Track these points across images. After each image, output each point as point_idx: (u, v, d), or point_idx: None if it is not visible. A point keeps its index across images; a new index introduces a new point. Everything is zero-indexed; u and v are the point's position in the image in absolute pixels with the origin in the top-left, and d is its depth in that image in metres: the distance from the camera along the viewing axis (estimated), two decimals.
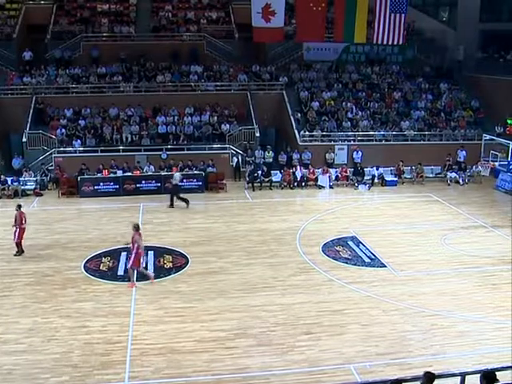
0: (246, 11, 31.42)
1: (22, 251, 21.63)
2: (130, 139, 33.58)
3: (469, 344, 14.73)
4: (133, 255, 18.67)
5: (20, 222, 21.55)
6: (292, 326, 15.81)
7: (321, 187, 31.37)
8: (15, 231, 21.53)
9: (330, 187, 31.48)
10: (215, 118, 35.41)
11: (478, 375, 8.67)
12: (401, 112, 37.06)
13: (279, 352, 14.50)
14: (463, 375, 10.44)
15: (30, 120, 33.80)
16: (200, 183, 30.26)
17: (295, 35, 32.67)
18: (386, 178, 32.06)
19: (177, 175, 28.54)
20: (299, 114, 35.86)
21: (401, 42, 29.09)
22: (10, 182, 30.11)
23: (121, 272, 19.69)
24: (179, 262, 20.54)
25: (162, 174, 30.28)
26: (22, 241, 21.70)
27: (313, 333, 15.45)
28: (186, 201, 27.73)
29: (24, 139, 32.85)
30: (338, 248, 21.93)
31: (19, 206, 22.14)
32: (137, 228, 19.06)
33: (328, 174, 31.68)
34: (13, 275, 19.68)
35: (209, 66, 38.77)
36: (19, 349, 14.96)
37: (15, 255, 21.47)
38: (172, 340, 15.14)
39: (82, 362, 14.26)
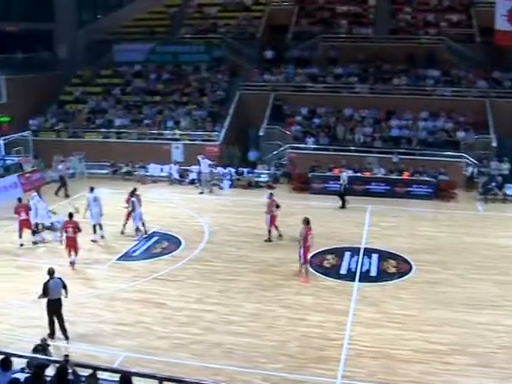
0: (489, 14, 30.01)
1: (270, 240, 22.88)
2: (362, 140, 33.66)
3: None
4: (302, 250, 18.98)
5: (270, 209, 22.86)
6: None
7: None
8: (268, 218, 22.93)
9: None
10: (450, 124, 34.27)
11: None
12: None
13: (500, 376, 13.61)
14: None
15: (267, 115, 35.29)
16: (430, 190, 29.41)
17: None
18: None
19: (344, 175, 28.21)
20: None
21: None
22: (245, 173, 31.86)
23: (343, 271, 19.90)
24: (403, 268, 20.21)
25: (392, 177, 29.97)
26: (272, 228, 22.94)
27: None
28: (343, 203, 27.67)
29: (261, 133, 34.41)
30: None
31: (271, 194, 23.63)
32: (307, 222, 19.27)
33: None
34: (241, 261, 20.85)
35: (447, 70, 37.49)
36: (241, 331, 15.78)
37: (265, 241, 22.83)
38: (388, 345, 14.95)
39: (297, 353, 14.65)
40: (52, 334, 15.24)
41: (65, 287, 15.50)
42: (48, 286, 15.27)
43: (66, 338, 15.30)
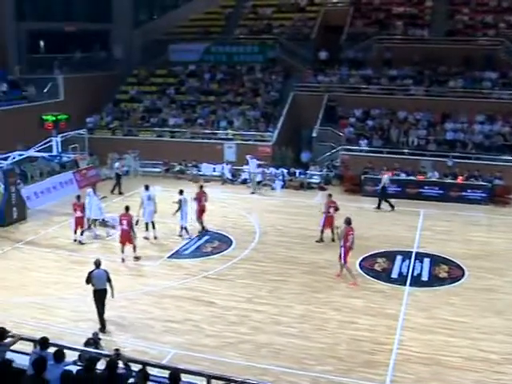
0: None
1: (322, 240, 22.80)
2: (416, 143, 33.23)
3: None
4: (342, 250, 18.99)
5: (327, 209, 22.78)
6: None
7: None
8: (323, 218, 22.88)
9: None
10: (507, 128, 33.49)
11: None
12: None
13: None
14: None
15: (321, 117, 35.13)
16: (485, 195, 28.79)
17: None
18: None
19: (385, 177, 27.92)
20: None
21: None
22: (297, 174, 31.86)
23: (395, 275, 19.70)
24: (455, 273, 19.85)
25: (446, 181, 29.53)
26: (326, 229, 22.81)
27: None
28: (391, 205, 27.55)
29: (314, 134, 34.29)
30: None
31: (330, 195, 23.60)
32: (348, 222, 19.31)
33: None
34: (292, 262, 20.82)
35: (504, 72, 36.60)
36: (290, 332, 15.77)
37: (316, 241, 22.79)
38: (438, 352, 14.72)
39: (346, 356, 14.57)
40: (103, 328, 15.57)
41: (109, 280, 15.87)
42: (92, 276, 15.79)
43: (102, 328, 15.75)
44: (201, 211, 23.98)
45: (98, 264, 16.02)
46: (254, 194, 30.55)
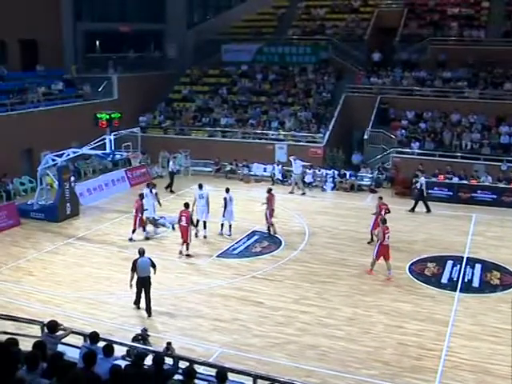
0: None
1: (372, 240, 22.61)
2: (469, 147, 32.64)
3: None
4: (377, 247, 19.37)
5: (379, 212, 22.64)
6: None
7: None
8: (373, 219, 22.78)
9: None
10: None
11: None
12: None
13: None
14: None
15: (373, 119, 34.85)
16: None
17: None
18: None
19: (422, 179, 27.54)
20: None
21: None
22: (347, 176, 31.70)
23: (445, 280, 19.41)
24: (507, 280, 19.43)
25: (500, 185, 28.94)
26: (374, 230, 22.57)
27: None
28: (413, 207, 27.45)
29: (365, 136, 34.06)
30: None
31: (380, 198, 23.57)
32: (384, 221, 19.67)
33: None
34: (341, 264, 20.75)
35: None
36: (337, 334, 15.73)
37: (368, 243, 22.74)
38: (486, 360, 14.46)
39: (393, 361, 14.44)
40: (137, 303, 16.79)
41: (153, 266, 16.78)
42: (136, 264, 16.59)
43: (149, 314, 16.58)
44: (271, 213, 24.16)
45: (141, 252, 16.86)
46: (304, 195, 30.50)
